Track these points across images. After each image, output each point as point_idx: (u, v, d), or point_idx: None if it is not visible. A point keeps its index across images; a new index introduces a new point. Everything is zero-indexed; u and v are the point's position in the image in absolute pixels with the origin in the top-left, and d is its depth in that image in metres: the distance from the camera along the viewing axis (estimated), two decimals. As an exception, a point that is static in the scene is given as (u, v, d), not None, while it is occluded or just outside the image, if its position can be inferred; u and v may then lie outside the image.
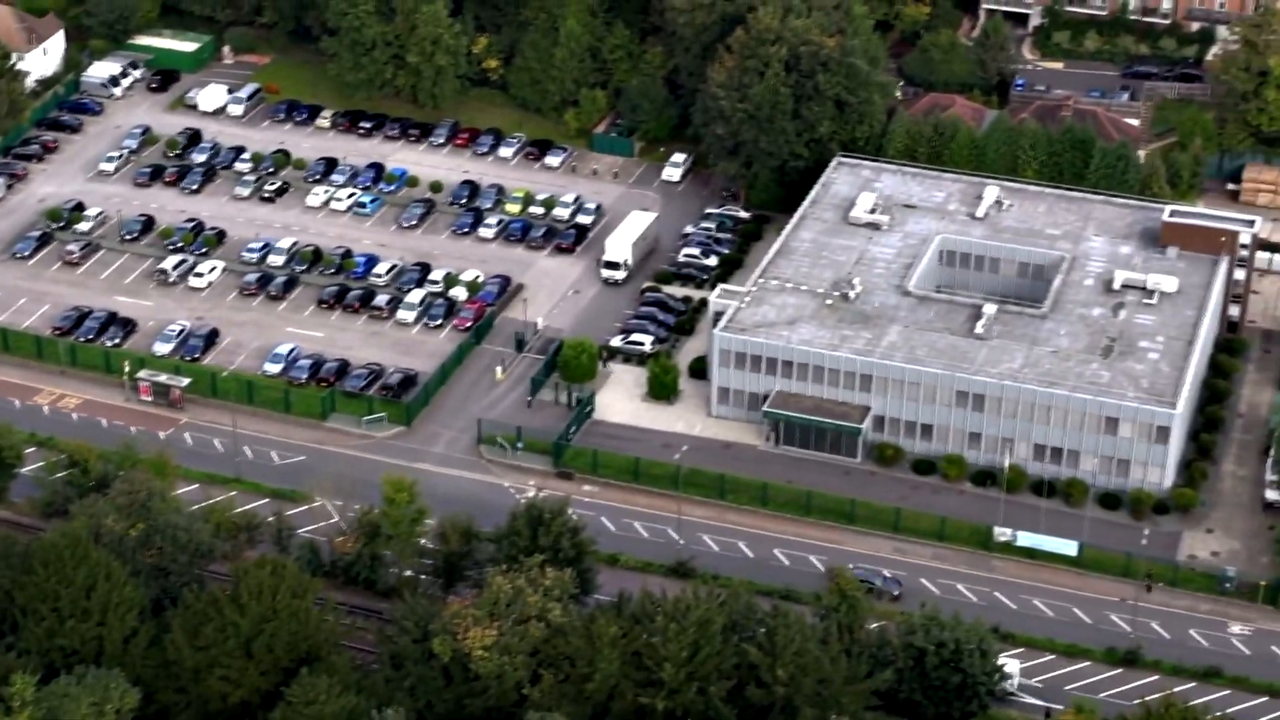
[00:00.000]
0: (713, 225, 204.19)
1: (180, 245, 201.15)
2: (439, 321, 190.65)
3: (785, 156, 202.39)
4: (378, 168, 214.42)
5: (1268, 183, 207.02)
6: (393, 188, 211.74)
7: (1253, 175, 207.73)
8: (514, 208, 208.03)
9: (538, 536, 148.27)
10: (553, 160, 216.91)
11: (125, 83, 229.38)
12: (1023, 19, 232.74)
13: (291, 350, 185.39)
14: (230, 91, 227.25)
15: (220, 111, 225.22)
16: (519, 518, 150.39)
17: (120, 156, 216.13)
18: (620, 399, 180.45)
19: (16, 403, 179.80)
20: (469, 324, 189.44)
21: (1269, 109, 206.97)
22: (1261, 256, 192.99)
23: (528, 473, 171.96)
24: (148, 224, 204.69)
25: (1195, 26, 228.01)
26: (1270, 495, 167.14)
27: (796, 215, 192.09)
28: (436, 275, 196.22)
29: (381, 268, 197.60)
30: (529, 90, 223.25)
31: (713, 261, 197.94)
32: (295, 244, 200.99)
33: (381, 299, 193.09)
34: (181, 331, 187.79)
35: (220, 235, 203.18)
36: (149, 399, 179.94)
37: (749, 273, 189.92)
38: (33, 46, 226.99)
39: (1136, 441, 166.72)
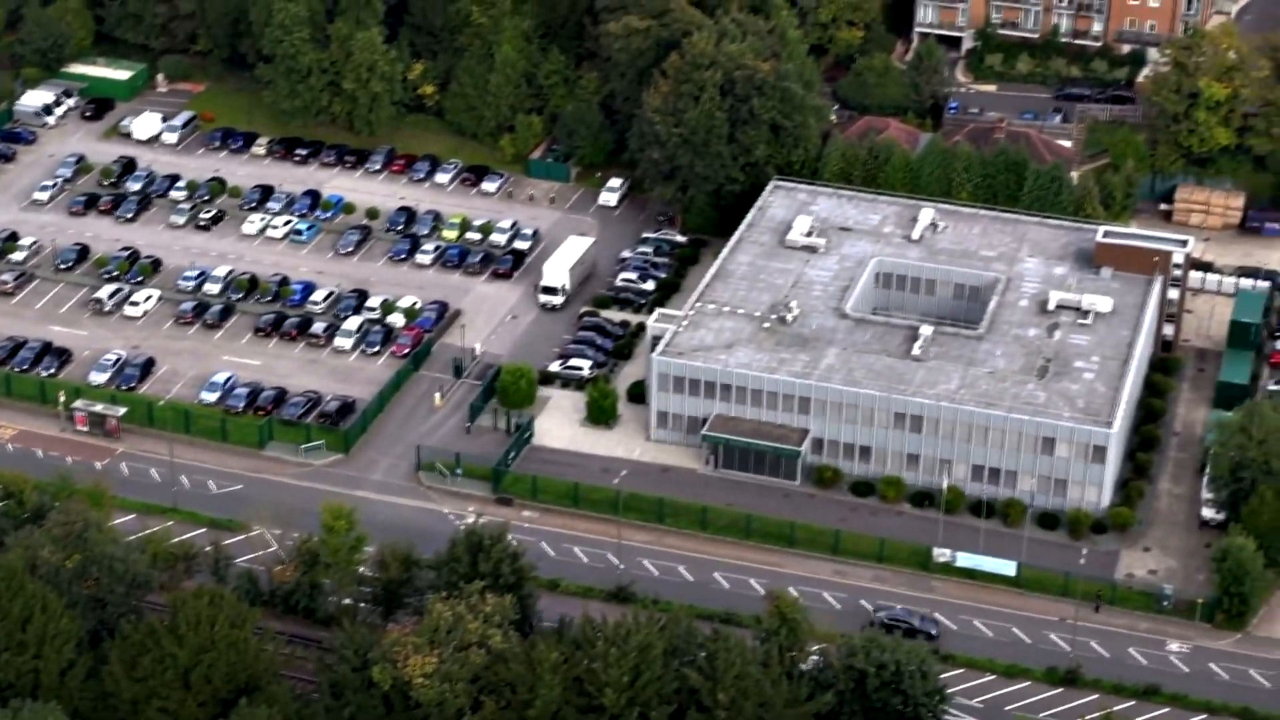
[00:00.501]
0: (650, 249, 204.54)
1: (115, 274, 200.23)
2: (376, 348, 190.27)
3: (721, 180, 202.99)
4: (314, 195, 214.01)
5: (1199, 203, 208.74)
6: (329, 215, 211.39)
7: (1185, 196, 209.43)
8: (451, 233, 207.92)
9: (477, 563, 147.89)
10: (489, 186, 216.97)
11: (59, 111, 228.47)
12: (955, 42, 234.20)
13: (228, 379, 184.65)
14: (165, 119, 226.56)
15: (155, 139, 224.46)
16: (458, 544, 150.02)
17: (54, 185, 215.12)
18: (559, 424, 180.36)
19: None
20: (407, 350, 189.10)
21: (1200, 130, 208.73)
22: (1194, 276, 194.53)
23: (467, 499, 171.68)
24: (83, 253, 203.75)
25: (1126, 49, 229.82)
26: (1206, 513, 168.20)
27: (733, 239, 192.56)
28: (374, 302, 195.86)
29: (318, 295, 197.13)
30: (465, 116, 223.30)
31: (650, 286, 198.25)
32: (231, 272, 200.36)
33: (319, 326, 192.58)
34: (117, 361, 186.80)
35: (156, 264, 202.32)
36: (85, 429, 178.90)
37: (686, 297, 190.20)
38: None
39: (1073, 461, 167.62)
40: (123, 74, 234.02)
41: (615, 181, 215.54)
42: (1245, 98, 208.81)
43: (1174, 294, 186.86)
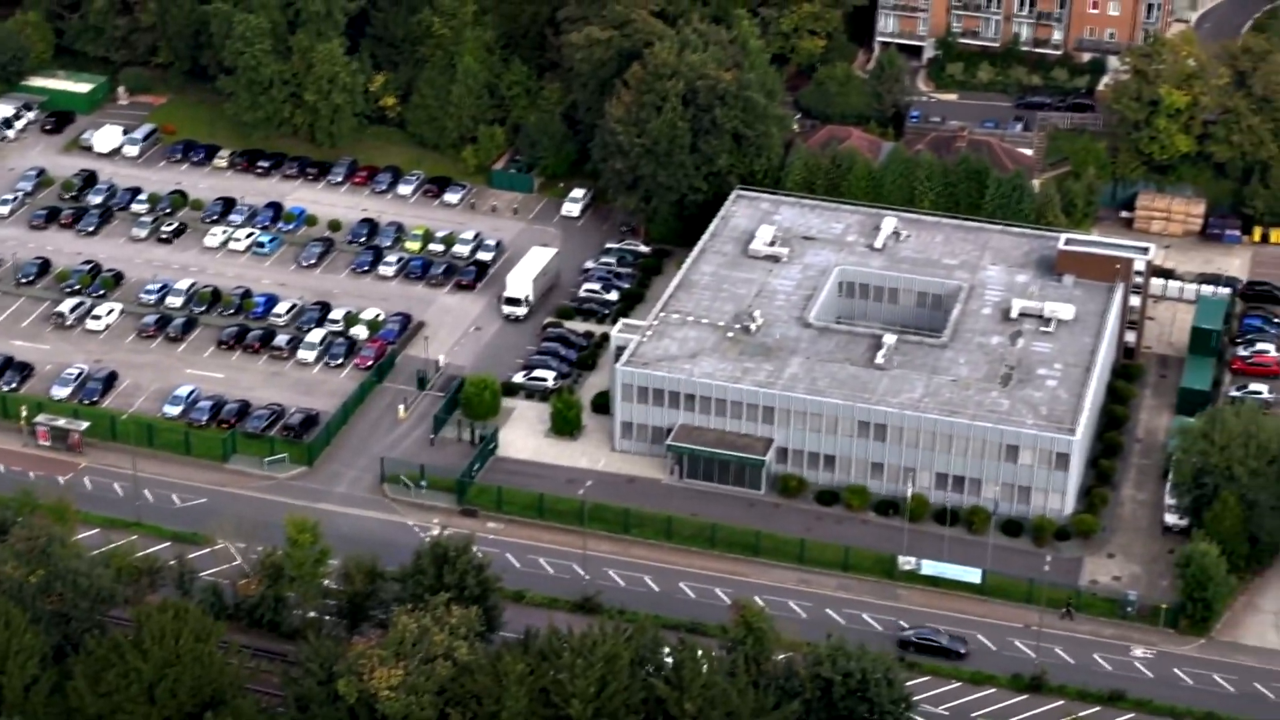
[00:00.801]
0: (613, 260, 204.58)
1: (77, 287, 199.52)
2: (340, 360, 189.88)
3: (684, 190, 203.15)
4: (276, 207, 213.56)
5: (1160, 210, 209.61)
6: (291, 227, 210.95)
7: (1146, 203, 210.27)
8: (414, 245, 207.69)
9: (443, 575, 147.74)
10: (452, 197, 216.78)
11: (19, 124, 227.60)
12: (917, 51, 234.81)
13: (191, 392, 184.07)
14: (126, 132, 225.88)
15: (116, 152, 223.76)
16: (424, 556, 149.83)
17: (15, 199, 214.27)
18: (523, 435, 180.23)
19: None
20: (370, 363, 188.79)
21: (1160, 137, 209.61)
22: (1156, 283, 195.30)
23: (432, 511, 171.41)
24: (44, 266, 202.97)
25: (1086, 57, 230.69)
26: (1169, 519, 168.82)
27: (696, 249, 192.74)
28: (337, 314, 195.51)
29: (281, 307, 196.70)
30: (427, 127, 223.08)
31: (614, 296, 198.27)
32: (194, 285, 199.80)
33: (282, 339, 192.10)
34: (80, 374, 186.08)
35: (118, 277, 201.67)
36: (47, 443, 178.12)
37: (650, 307, 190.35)
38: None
39: (1037, 468, 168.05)
40: (83, 87, 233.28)
41: (578, 192, 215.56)
42: (1205, 105, 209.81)
43: (1135, 301, 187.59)
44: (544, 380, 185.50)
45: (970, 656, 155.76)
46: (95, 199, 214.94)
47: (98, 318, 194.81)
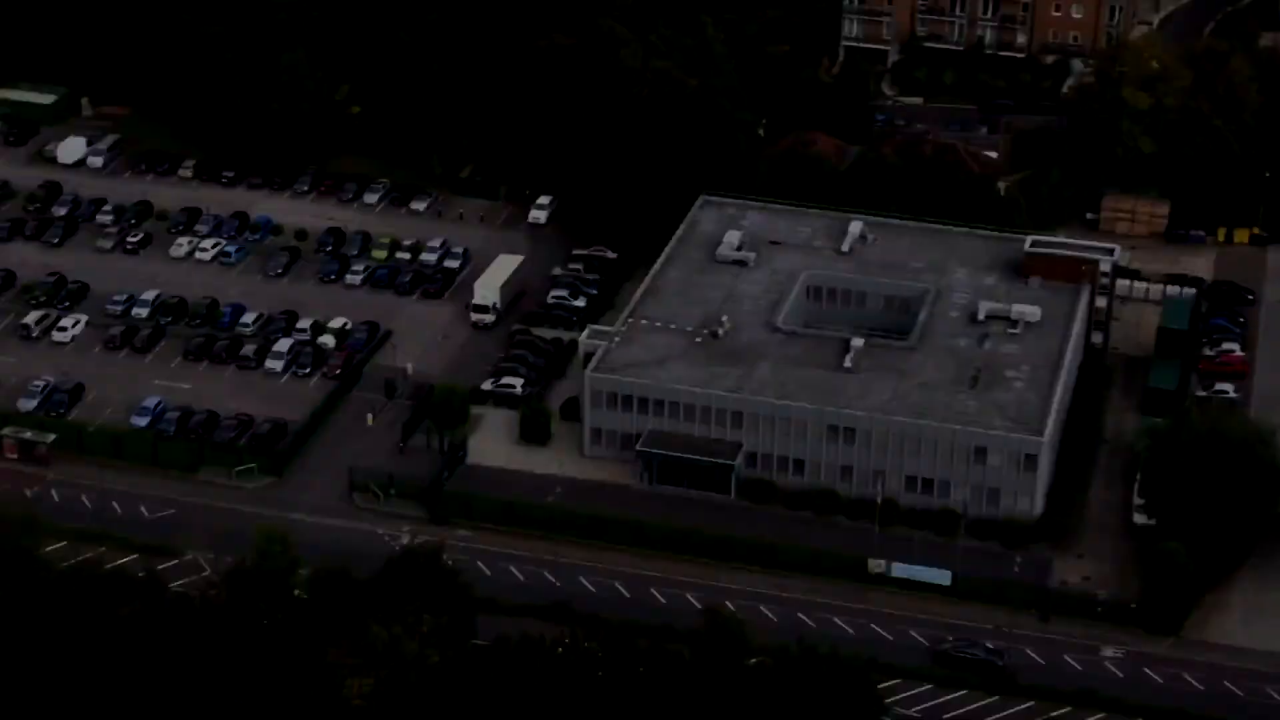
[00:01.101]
0: (580, 266, 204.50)
1: (42, 300, 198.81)
2: (308, 370, 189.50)
3: (651, 196, 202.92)
4: (242, 217, 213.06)
5: (1125, 211, 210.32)
6: (257, 236, 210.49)
7: (1111, 204, 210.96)
8: (380, 254, 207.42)
9: (414, 583, 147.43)
10: (418, 205, 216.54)
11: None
12: (882, 55, 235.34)
13: (159, 403, 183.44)
14: (90, 143, 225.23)
15: (80, 164, 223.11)
16: (394, 564, 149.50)
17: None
18: (493, 442, 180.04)
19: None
20: (338, 371, 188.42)
21: (1124, 139, 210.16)
22: (1122, 284, 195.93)
23: (402, 519, 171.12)
24: (8, 279, 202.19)
25: (1050, 60, 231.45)
26: (1138, 519, 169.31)
27: (663, 255, 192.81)
28: (304, 323, 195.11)
29: (248, 317, 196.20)
30: (393, 135, 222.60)
31: (581, 303, 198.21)
32: (160, 295, 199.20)
33: (249, 349, 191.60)
34: (46, 387, 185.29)
35: (83, 289, 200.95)
36: (14, 457, 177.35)
37: (618, 313, 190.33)
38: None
39: (1006, 470, 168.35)
40: (46, 98, 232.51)
41: (544, 199, 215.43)
42: (1169, 106, 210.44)
43: (1102, 302, 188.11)
44: (512, 387, 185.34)
45: (1009, 669, 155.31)
46: (60, 210, 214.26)
47: (64, 329, 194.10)
